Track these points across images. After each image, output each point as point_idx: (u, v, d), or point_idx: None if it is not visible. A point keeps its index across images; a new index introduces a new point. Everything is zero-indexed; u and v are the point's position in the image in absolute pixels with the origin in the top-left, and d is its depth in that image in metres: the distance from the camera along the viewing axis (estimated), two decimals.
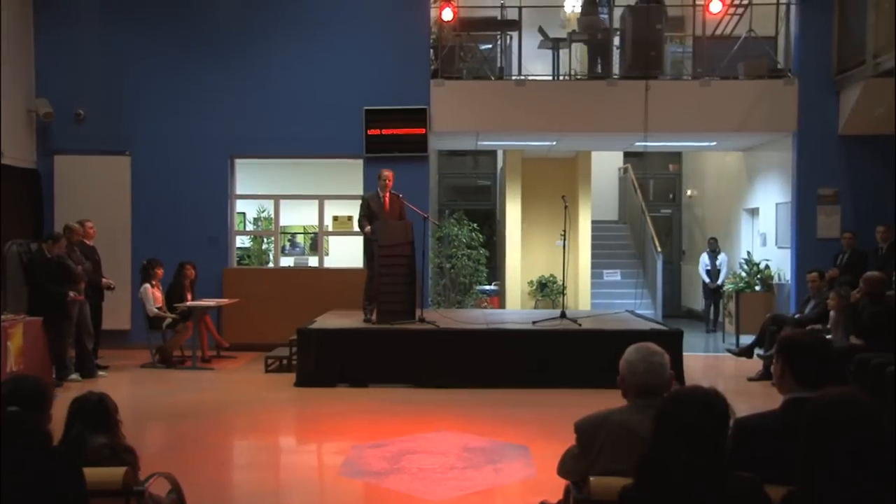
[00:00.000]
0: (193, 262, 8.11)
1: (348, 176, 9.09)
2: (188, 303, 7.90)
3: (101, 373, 7.16)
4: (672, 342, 6.30)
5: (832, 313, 6.72)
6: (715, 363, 8.47)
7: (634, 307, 9.83)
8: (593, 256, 11.68)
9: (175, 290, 7.95)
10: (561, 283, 9.39)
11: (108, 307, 7.78)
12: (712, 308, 10.68)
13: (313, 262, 9.90)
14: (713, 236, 11.10)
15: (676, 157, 13.36)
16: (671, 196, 13.66)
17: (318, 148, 8.91)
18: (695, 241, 12.49)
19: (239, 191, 9.32)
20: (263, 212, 11.06)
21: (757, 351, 7.38)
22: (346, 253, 10.13)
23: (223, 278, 8.79)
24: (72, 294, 6.80)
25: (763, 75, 8.72)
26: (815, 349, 2.09)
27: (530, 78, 9.13)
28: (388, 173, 7.25)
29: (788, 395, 2.08)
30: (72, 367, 6.90)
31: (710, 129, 8.97)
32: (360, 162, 8.93)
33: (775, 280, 9.25)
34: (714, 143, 10.23)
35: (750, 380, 7.02)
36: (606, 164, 13.12)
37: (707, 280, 10.64)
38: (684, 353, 6.81)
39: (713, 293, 10.61)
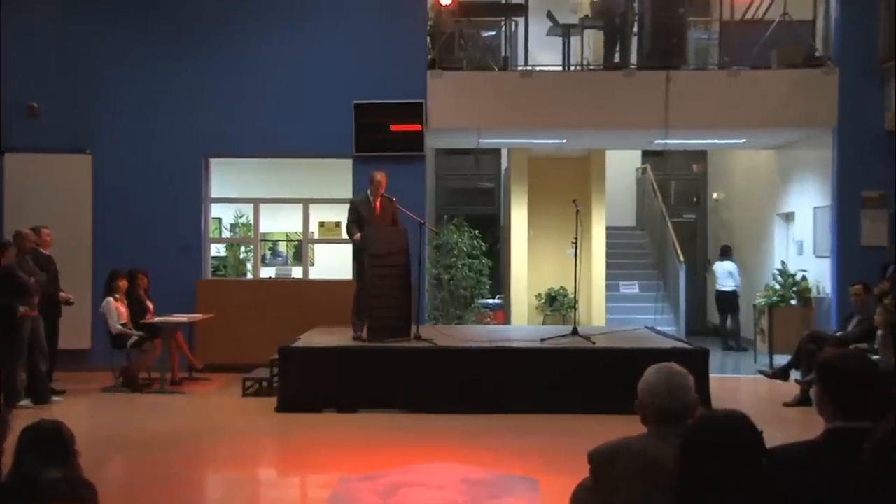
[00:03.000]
0: (144, 270, 8.12)
1: (336, 177, 9.11)
2: (156, 318, 7.88)
3: (56, 398, 7.11)
4: (697, 362, 6.29)
5: (879, 331, 6.64)
6: (746, 386, 8.45)
7: (654, 323, 9.81)
8: (608, 267, 11.68)
9: (133, 305, 7.92)
10: (572, 296, 9.37)
11: (66, 324, 7.74)
12: (734, 322, 10.74)
13: (297, 272, 9.90)
14: (727, 244, 11.21)
15: (701, 156, 13.40)
16: (695, 199, 13.69)
17: (302, 146, 8.93)
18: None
19: (214, 193, 9.33)
20: (241, 217, 11.06)
21: (793, 373, 7.35)
22: (334, 263, 10.12)
23: (196, 291, 8.79)
24: (23, 309, 6.74)
25: (799, 64, 8.70)
26: (859, 372, 2.06)
27: (538, 69, 9.17)
28: (380, 176, 7.28)
29: (830, 424, 2.05)
30: (22, 392, 6.80)
31: (739, 125, 8.97)
32: (349, 162, 8.94)
33: (813, 293, 9.22)
34: (743, 141, 10.26)
35: (786, 405, 6.98)
36: (623, 165, 13.15)
37: (723, 287, 10.70)
38: (711, 375, 6.80)
39: (728, 303, 10.63)
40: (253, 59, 8.90)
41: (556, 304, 11.77)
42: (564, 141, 10.31)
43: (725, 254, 11.12)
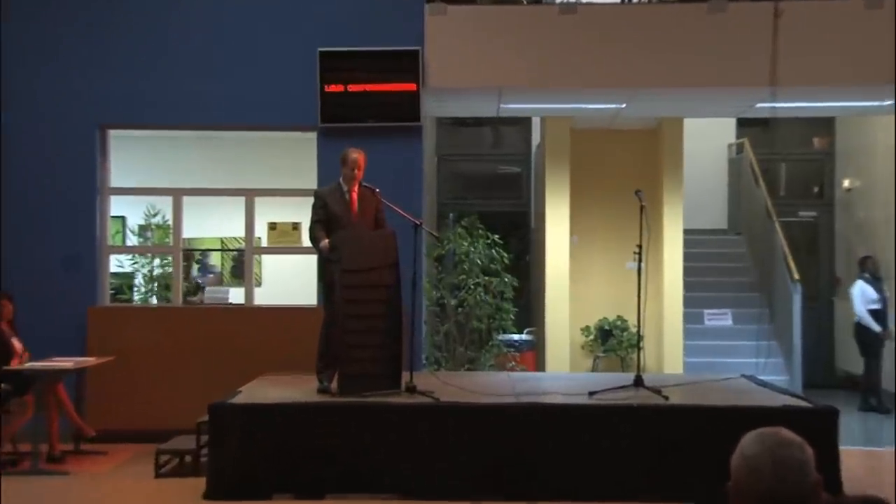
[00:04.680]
0: (9, 294, 8.17)
1: (293, 159, 9.16)
2: (28, 363, 7.92)
3: None
4: (820, 427, 6.28)
5: None
6: (892, 464, 8.43)
7: (756, 370, 9.82)
8: (688, 288, 11.72)
9: None
10: (635, 330, 9.40)
11: None
12: (876, 368, 10.72)
13: (236, 295, 9.94)
14: (868, 254, 11.20)
15: (825, 126, 13.45)
16: (816, 189, 13.74)
17: (243, 114, 9.02)
18: (855, 261, 12.49)
19: (115, 182, 9.40)
20: (155, 215, 11.15)
21: None
22: (290, 282, 10.17)
23: (87, 323, 8.85)
24: None
25: None
26: None
27: (584, 1, 9.23)
28: (356, 155, 7.32)
29: None
30: None
31: (884, 80, 8.93)
32: (311, 137, 9.03)
33: None
34: (890, 103, 10.26)
35: None
36: (709, 140, 13.21)
37: (874, 325, 10.65)
38: (842, 446, 6.79)
39: (876, 345, 10.64)
40: None
41: (610, 341, 11.80)
42: (623, 105, 10.37)
43: (865, 268, 11.13)
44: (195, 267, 11.39)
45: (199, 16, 9.07)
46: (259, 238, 9.79)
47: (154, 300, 11.00)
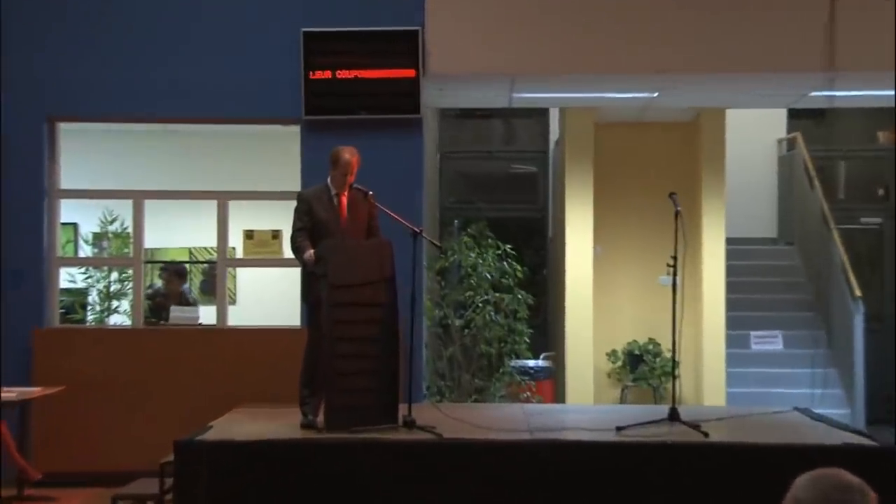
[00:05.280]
0: None
1: (273, 157, 9.16)
2: None
3: None
4: (884, 470, 6.27)
5: None
6: None
7: (811, 403, 9.80)
8: (731, 306, 11.71)
9: None
10: (669, 355, 9.38)
11: None
12: None
13: (207, 315, 9.96)
14: None
15: (891, 117, 13.40)
16: (881, 192, 13.72)
17: (216, 104, 9.07)
18: None
19: (66, 183, 9.43)
20: (113, 222, 11.17)
21: None
22: (269, 299, 10.19)
23: (33, 347, 8.86)
24: None
25: None
26: None
27: None
28: (348, 155, 7.32)
29: None
30: None
31: None
32: (294, 132, 9.07)
33: None
34: None
35: None
36: (755, 133, 13.21)
37: None
38: None
39: None
40: None
41: (641, 368, 11.79)
42: (656, 95, 10.38)
43: None
44: (158, 282, 11.29)
45: None
46: (233, 248, 9.79)
47: (111, 320, 11.00)
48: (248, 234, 10.09)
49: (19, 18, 9.03)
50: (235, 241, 9.83)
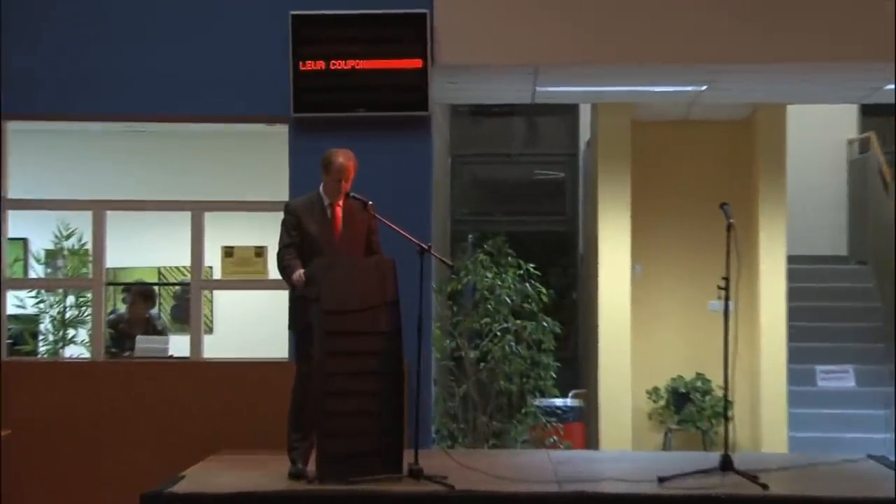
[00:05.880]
0: None
1: (257, 161, 9.14)
2: None
3: None
4: None
5: None
6: None
7: (887, 448, 9.76)
8: (793, 336, 11.71)
9: None
10: (721, 393, 9.38)
11: None
12: None
13: (180, 346, 9.96)
14: None
15: None
16: None
17: (190, 100, 9.07)
18: None
19: (14, 192, 9.42)
20: (69, 237, 11.20)
21: None
22: (251, 327, 10.20)
23: None
24: None
25: None
26: None
27: None
28: (344, 160, 7.32)
29: None
30: None
31: None
32: (282, 131, 9.09)
33: None
34: None
35: None
36: (821, 135, 13.20)
37: None
38: None
39: None
40: None
41: (688, 408, 11.78)
42: (704, 88, 10.38)
43: None
44: (122, 307, 11.29)
45: None
46: (210, 268, 9.78)
47: (66, 352, 11.00)
48: (228, 252, 10.08)
49: None
50: (212, 260, 9.80)
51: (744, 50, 9.09)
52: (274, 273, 7.81)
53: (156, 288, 11.36)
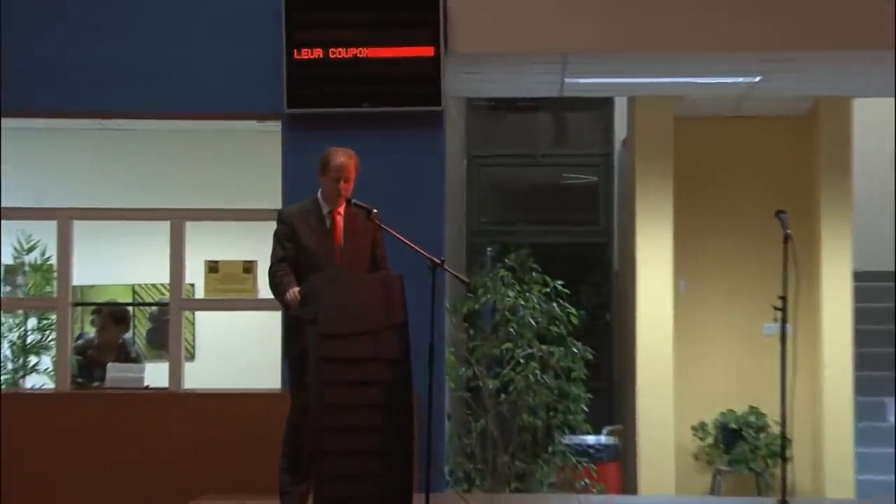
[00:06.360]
0: None
1: (245, 164, 9.13)
2: None
3: None
4: None
5: None
6: None
7: None
8: (861, 364, 11.66)
9: None
10: (777, 429, 9.34)
11: None
12: None
13: (157, 374, 9.96)
14: None
15: None
16: None
17: (170, 95, 9.10)
18: None
19: None
20: (30, 250, 11.23)
21: None
22: (239, 354, 10.21)
23: None
24: None
25: None
26: None
27: None
28: (343, 159, 7.31)
29: None
30: None
31: None
32: (274, 129, 9.13)
33: None
34: None
35: None
36: (889, 133, 13.15)
37: None
38: None
39: None
40: None
41: (739, 447, 11.74)
42: (757, 79, 10.39)
43: None
44: (90, 331, 11.30)
45: None
46: (192, 285, 9.81)
47: (27, 382, 11.00)
48: (212, 267, 10.11)
49: None
50: (195, 276, 9.84)
51: (804, 36, 9.11)
52: (265, 291, 7.84)
53: (130, 309, 11.36)
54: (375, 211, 7.32)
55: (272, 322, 8.11)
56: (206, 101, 9.15)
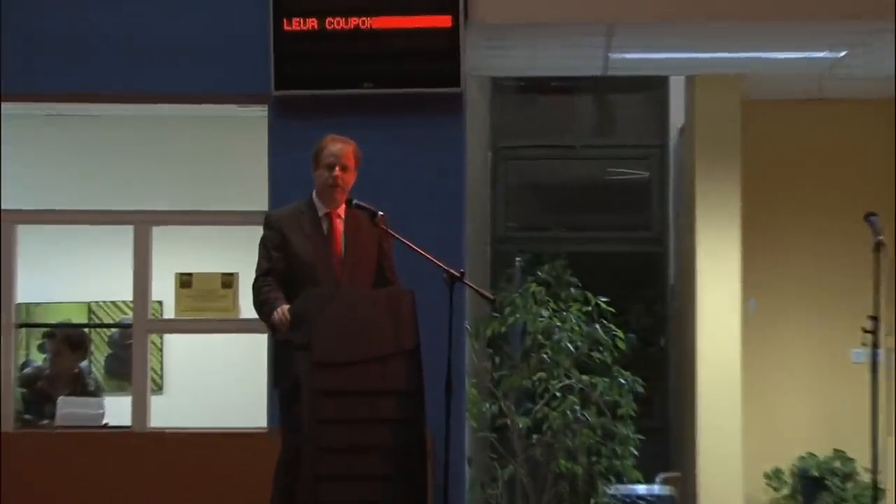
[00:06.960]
0: None
1: (226, 157, 9.16)
2: None
3: None
4: None
5: None
6: None
7: None
8: None
9: None
10: (868, 477, 9.33)
11: None
12: None
13: (117, 410, 9.98)
14: None
15: None
16: None
17: (138, 75, 9.15)
18: None
19: None
20: None
21: None
22: (216, 385, 10.23)
23: None
24: None
25: None
26: None
27: None
28: (339, 144, 7.32)
29: None
30: None
31: None
32: (260, 114, 9.17)
33: None
34: None
35: None
36: None
37: None
38: None
39: None
40: None
41: (822, 498, 11.73)
42: (842, 54, 10.39)
43: None
44: (40, 360, 11.35)
45: None
46: (160, 303, 9.81)
47: None
48: (184, 281, 10.11)
49: None
50: (163, 292, 9.84)
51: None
52: (248, 310, 7.79)
53: (86, 331, 11.37)
54: (382, 213, 7.32)
55: (257, 347, 8.09)
56: (177, 81, 9.17)
